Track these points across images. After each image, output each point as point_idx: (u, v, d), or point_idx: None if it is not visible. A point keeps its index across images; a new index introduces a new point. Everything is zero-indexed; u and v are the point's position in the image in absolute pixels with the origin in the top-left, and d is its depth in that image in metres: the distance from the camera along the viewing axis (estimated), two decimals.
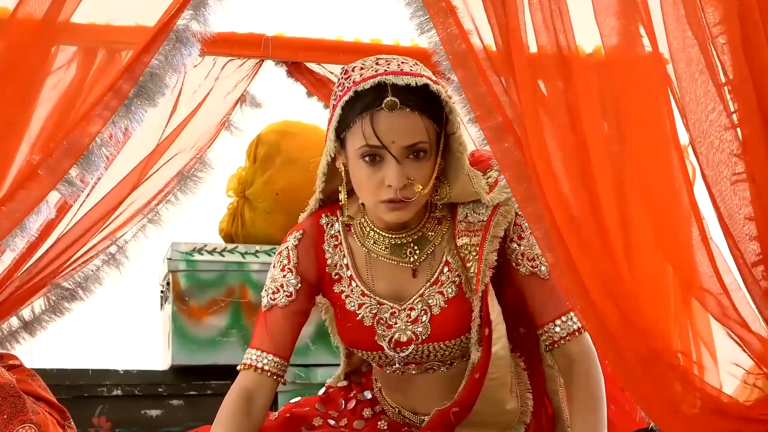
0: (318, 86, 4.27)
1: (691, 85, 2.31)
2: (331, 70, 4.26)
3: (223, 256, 4.62)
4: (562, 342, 2.61)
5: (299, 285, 2.64)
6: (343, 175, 2.58)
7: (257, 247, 4.67)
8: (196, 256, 4.59)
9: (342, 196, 2.59)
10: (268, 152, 4.78)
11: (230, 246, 4.68)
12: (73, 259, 3.68)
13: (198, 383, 4.52)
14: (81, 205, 3.59)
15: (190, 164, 4.06)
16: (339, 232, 2.67)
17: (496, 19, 2.40)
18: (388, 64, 2.49)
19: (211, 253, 4.61)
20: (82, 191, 2.96)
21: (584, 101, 2.42)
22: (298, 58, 4.26)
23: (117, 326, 5.33)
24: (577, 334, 2.61)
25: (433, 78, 2.52)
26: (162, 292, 4.82)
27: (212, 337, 4.55)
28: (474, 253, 2.58)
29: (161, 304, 4.87)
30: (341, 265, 2.65)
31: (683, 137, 2.42)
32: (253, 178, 4.79)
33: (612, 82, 2.43)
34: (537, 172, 2.36)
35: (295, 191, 4.40)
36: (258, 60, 4.22)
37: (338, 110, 2.49)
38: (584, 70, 2.44)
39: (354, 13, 4.80)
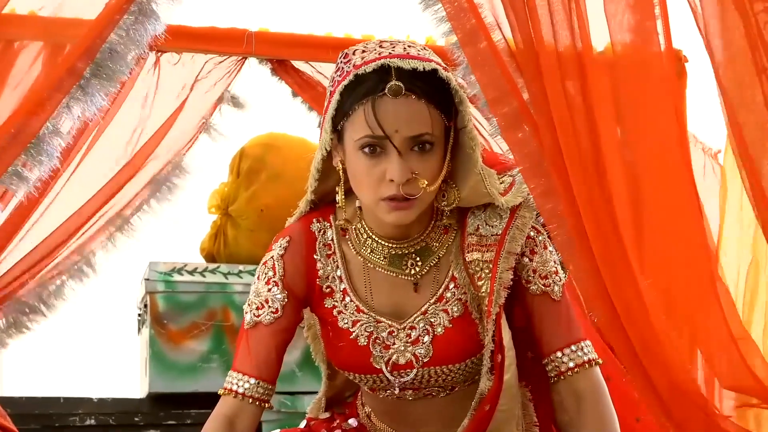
0: (304, 87, 4.12)
1: (733, 70, 2.22)
2: (320, 70, 4.14)
3: (204, 276, 4.55)
4: (570, 374, 2.46)
5: (286, 300, 2.47)
6: (340, 174, 2.41)
7: (240, 267, 4.59)
8: (176, 277, 4.52)
9: (339, 197, 2.42)
10: (252, 166, 4.71)
11: (212, 266, 4.61)
12: (39, 276, 3.61)
13: (177, 412, 4.46)
14: (42, 214, 3.51)
15: (165, 169, 3.95)
16: (332, 240, 2.51)
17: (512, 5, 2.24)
18: (393, 47, 2.34)
19: (191, 273, 4.54)
20: (33, 186, 2.75)
21: (595, 101, 2.36)
22: (283, 55, 4.11)
23: (91, 352, 5.27)
24: (587, 366, 2.46)
25: (443, 64, 2.36)
26: (139, 315, 4.73)
27: (192, 362, 4.49)
28: (487, 271, 2.43)
29: (138, 328, 4.78)
30: (334, 277, 2.49)
31: (714, 142, 2.46)
32: (236, 194, 4.73)
33: (624, 81, 2.37)
34: (558, 165, 2.23)
35: (281, 208, 4.18)
36: (240, 57, 4.09)
37: (336, 96, 2.33)
38: (595, 68, 2.38)
39: (344, 8, 4.69)
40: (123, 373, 4.92)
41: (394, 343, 2.47)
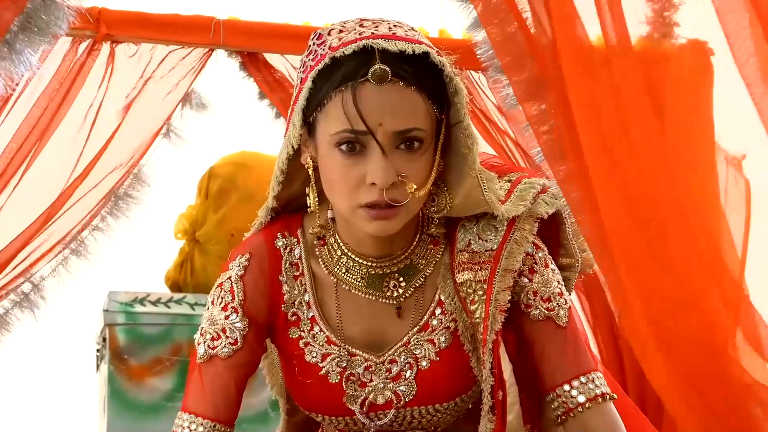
0: (274, 87, 3.92)
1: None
2: (296, 65, 3.81)
3: (168, 307, 4.35)
4: (580, 410, 2.24)
5: (246, 329, 2.27)
6: (310, 173, 2.20)
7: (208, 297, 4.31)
8: (137, 308, 4.31)
9: (312, 200, 2.21)
10: (222, 187, 4.52)
11: (177, 296, 4.41)
12: None
13: None
14: None
15: (121, 180, 3.77)
16: (300, 258, 2.30)
17: None
18: (377, 27, 2.14)
19: (154, 303, 4.34)
20: None
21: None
22: (255, 46, 3.91)
23: (44, 390, 5.10)
24: (599, 400, 2.24)
25: (435, 47, 2.15)
26: (98, 350, 4.52)
27: (155, 402, 4.25)
28: (480, 293, 2.23)
29: (97, 365, 4.57)
30: (301, 303, 2.28)
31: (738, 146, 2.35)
32: (204, 217, 4.54)
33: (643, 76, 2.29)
34: (588, 145, 2.08)
35: None
36: (206, 49, 3.88)
37: (308, 83, 2.13)
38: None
39: None
40: (79, 413, 4.76)
41: (371, 380, 2.27)
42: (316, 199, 2.19)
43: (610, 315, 3.62)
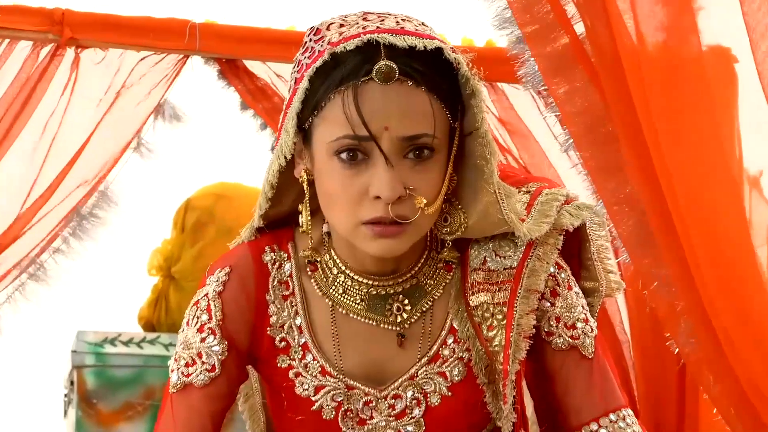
0: (257, 96, 3.71)
1: None
2: (279, 73, 3.75)
3: (141, 348, 4.23)
4: None
5: (225, 353, 2.13)
6: (305, 188, 2.06)
7: None
8: (108, 348, 4.19)
9: (304, 218, 2.06)
10: (200, 219, 4.45)
11: (150, 336, 4.29)
12: None
13: None
14: None
15: (85, 198, 3.58)
16: (291, 276, 2.16)
17: None
18: (382, 21, 2.01)
19: (126, 344, 4.21)
20: None
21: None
22: (234, 52, 3.72)
23: None
24: None
25: (450, 44, 2.04)
26: (65, 394, 4.39)
27: None
28: (500, 317, 2.11)
29: (64, 410, 4.43)
30: (291, 327, 2.14)
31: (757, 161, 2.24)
32: (180, 252, 4.46)
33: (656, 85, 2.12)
34: (627, 128, 1.92)
35: None
36: (181, 56, 3.71)
37: (304, 83, 1.99)
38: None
39: None
40: None
41: (371, 417, 2.13)
42: (309, 218, 2.04)
43: (618, 348, 3.49)
